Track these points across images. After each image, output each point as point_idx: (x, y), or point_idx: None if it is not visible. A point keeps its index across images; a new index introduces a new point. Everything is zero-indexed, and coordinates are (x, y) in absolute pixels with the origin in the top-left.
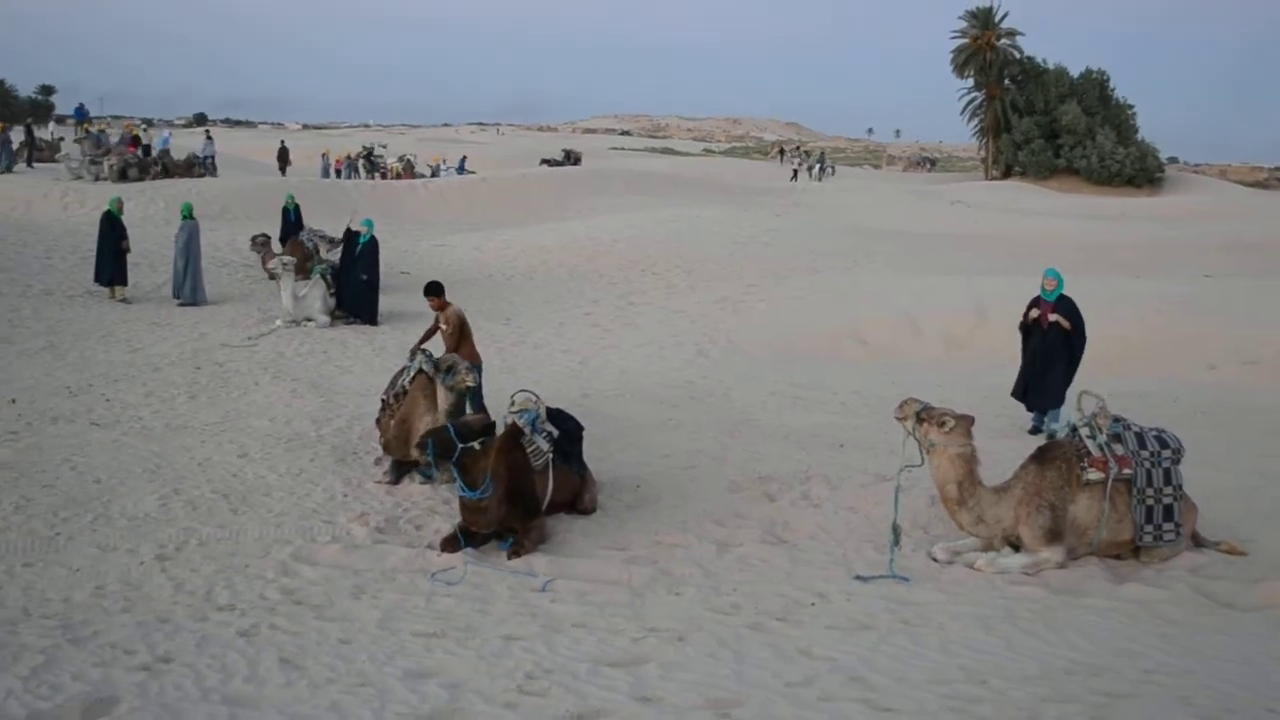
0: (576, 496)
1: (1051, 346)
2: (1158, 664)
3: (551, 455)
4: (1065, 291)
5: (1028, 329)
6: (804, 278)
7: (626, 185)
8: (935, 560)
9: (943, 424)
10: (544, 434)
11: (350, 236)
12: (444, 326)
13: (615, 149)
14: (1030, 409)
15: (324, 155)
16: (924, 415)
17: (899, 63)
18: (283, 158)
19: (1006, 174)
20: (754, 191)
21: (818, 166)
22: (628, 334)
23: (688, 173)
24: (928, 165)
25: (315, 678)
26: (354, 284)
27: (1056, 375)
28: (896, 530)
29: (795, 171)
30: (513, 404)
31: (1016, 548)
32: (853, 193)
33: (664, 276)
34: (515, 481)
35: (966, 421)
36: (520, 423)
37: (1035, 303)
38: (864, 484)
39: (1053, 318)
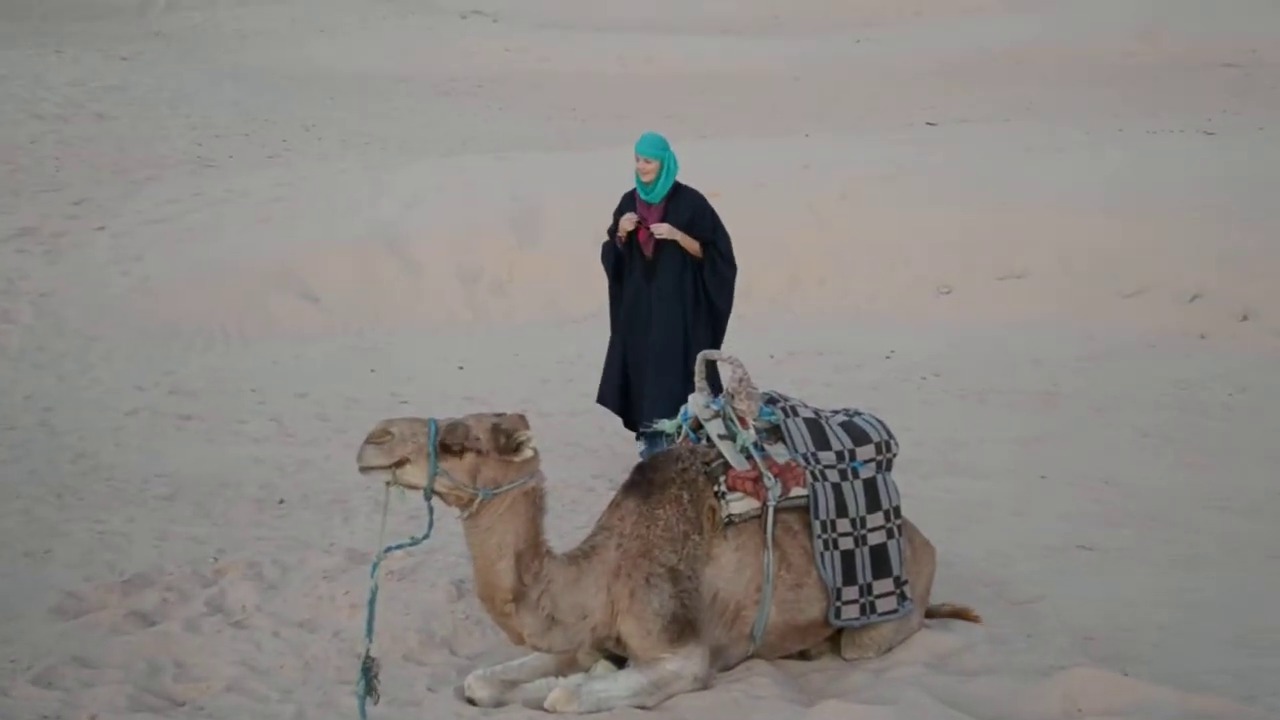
0: None
1: (667, 297)
2: None
3: None
4: (683, 179)
5: (619, 256)
6: (184, 177)
7: None
8: (472, 703)
9: (515, 447)
10: None
11: None
12: None
13: None
14: (633, 427)
15: None
16: (455, 442)
17: None
18: None
19: None
20: (71, 10)
21: None
22: None
23: None
24: None
25: None
26: None
27: (680, 357)
28: (369, 666)
29: None
30: None
31: (619, 660)
32: (269, 4)
33: None
34: None
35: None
36: None
37: (629, 203)
38: (328, 572)
39: (662, 233)
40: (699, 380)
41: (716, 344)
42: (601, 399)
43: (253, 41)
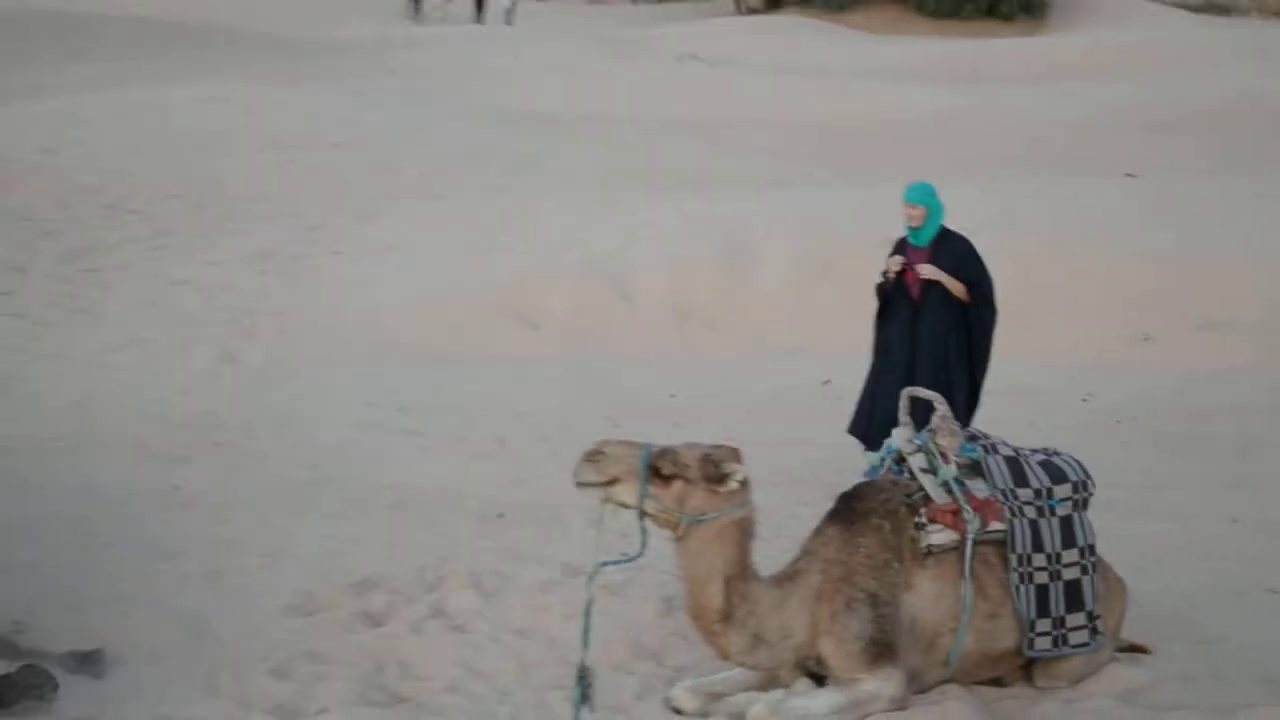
0: None
1: (934, 333)
2: None
3: None
4: (949, 223)
5: (888, 295)
6: (414, 206)
7: (65, 48)
8: (679, 713)
9: (722, 478)
10: None
11: None
12: None
13: None
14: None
15: None
16: (664, 467)
17: None
18: None
19: (775, 4)
20: (311, 48)
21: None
22: (86, 327)
23: (169, 14)
24: None
25: None
26: None
27: (944, 389)
28: (585, 676)
29: (479, 3)
30: None
31: (819, 678)
32: (497, 44)
33: (148, 216)
34: None
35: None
36: None
37: (900, 247)
38: (544, 583)
39: (925, 273)
40: (903, 416)
41: (975, 386)
42: (852, 429)
43: (480, 79)
